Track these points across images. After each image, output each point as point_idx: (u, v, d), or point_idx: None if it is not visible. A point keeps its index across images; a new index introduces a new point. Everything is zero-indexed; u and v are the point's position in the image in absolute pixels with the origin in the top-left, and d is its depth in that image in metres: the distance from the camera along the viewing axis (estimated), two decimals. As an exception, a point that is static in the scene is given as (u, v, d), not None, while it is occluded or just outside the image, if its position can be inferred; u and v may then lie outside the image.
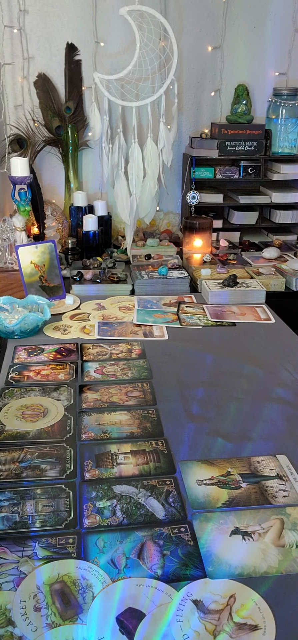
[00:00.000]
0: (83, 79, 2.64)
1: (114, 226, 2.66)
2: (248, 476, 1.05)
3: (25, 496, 0.99)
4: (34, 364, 1.50)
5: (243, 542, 0.89)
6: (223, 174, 2.65)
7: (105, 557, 0.85)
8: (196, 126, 2.79)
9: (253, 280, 2.07)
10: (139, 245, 2.45)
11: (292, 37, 2.70)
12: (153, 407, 1.29)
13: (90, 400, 1.32)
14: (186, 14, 2.63)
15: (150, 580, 0.82)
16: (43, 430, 1.20)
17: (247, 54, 2.72)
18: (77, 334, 1.69)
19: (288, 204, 2.68)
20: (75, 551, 0.87)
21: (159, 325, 1.75)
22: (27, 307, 1.74)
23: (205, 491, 1.00)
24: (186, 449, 1.13)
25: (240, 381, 1.42)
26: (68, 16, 2.56)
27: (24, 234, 2.15)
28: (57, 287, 1.95)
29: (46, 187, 2.72)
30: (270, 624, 0.75)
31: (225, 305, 1.91)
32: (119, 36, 2.56)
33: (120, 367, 1.48)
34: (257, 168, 2.65)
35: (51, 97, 2.61)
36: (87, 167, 2.78)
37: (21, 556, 0.86)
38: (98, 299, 1.97)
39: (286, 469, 1.06)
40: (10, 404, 1.30)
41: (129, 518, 0.94)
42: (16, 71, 2.59)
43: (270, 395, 1.35)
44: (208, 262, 2.28)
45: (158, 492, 1.00)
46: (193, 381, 1.42)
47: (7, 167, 2.44)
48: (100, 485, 1.02)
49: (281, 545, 0.88)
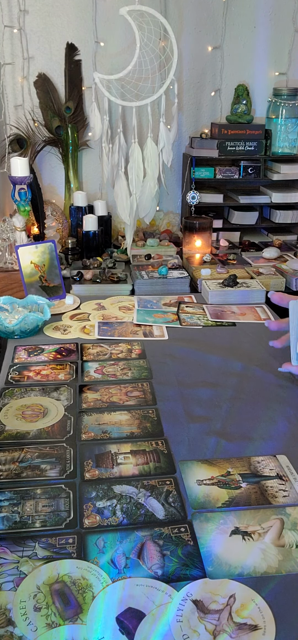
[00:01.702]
0: (83, 79, 2.64)
1: (114, 226, 2.66)
2: (248, 476, 1.05)
3: (25, 496, 0.99)
4: (34, 364, 1.50)
5: (243, 542, 0.89)
6: (223, 174, 2.65)
7: (105, 557, 0.85)
8: (196, 126, 2.79)
9: (253, 280, 2.07)
10: (139, 245, 2.45)
11: (292, 37, 2.70)
12: (153, 407, 1.29)
13: (90, 400, 1.32)
14: (186, 14, 2.63)
15: (150, 580, 0.82)
16: (43, 430, 1.20)
17: (247, 54, 2.73)
18: (77, 334, 1.69)
19: (288, 204, 2.68)
20: (75, 551, 0.87)
21: (159, 325, 1.75)
22: (27, 307, 1.74)
23: (205, 491, 1.00)
24: (186, 449, 1.13)
25: (240, 381, 1.42)
26: (68, 16, 2.56)
27: (24, 234, 2.15)
28: (57, 287, 1.95)
29: (46, 187, 2.72)
30: (270, 624, 0.75)
31: (225, 305, 1.91)
32: (119, 36, 2.57)
33: (120, 367, 1.48)
34: (257, 168, 2.65)
35: (51, 97, 2.61)
36: (87, 167, 2.78)
37: (21, 556, 0.86)
38: (98, 299, 1.98)
39: (286, 469, 1.06)
40: (10, 404, 1.30)
41: (129, 518, 0.94)
42: (16, 71, 2.59)
43: (270, 395, 1.35)
44: (208, 262, 2.28)
45: (158, 492, 1.00)
46: (193, 381, 1.42)
47: (7, 167, 2.44)
48: (100, 485, 1.02)
49: (281, 545, 0.88)
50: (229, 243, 2.54)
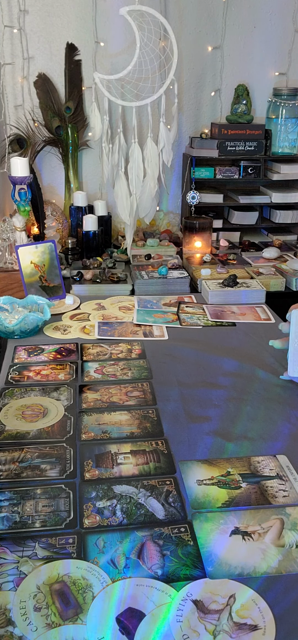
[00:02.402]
0: (83, 79, 2.64)
1: (114, 226, 2.66)
2: (248, 476, 1.05)
3: (25, 496, 0.99)
4: (34, 364, 1.50)
5: (243, 542, 0.89)
6: (223, 174, 2.65)
7: (105, 557, 0.86)
8: (196, 126, 2.79)
9: (253, 280, 2.07)
10: (139, 245, 2.45)
11: (292, 37, 2.70)
12: (153, 407, 1.29)
13: (90, 400, 1.32)
14: (186, 14, 2.63)
15: (150, 580, 0.82)
16: (43, 430, 1.20)
17: (247, 54, 2.72)
18: (77, 334, 1.69)
19: (288, 204, 2.68)
20: (75, 551, 0.87)
21: (159, 325, 1.75)
22: (27, 307, 1.74)
23: (205, 491, 1.00)
24: (186, 449, 1.13)
25: (240, 381, 1.42)
26: (68, 16, 2.56)
27: (24, 234, 2.15)
28: (57, 287, 1.95)
29: (46, 187, 2.72)
30: (270, 624, 0.75)
31: (225, 305, 1.91)
32: (119, 36, 2.56)
33: (120, 367, 1.48)
34: (257, 168, 2.65)
35: (51, 97, 2.61)
36: (87, 167, 2.78)
37: (21, 556, 0.86)
38: (98, 299, 1.97)
39: (286, 469, 1.06)
40: (10, 404, 1.30)
41: (128, 518, 0.94)
42: (16, 71, 2.59)
43: (270, 395, 1.35)
44: (208, 262, 2.28)
45: (158, 492, 1.00)
46: (193, 381, 1.42)
47: (7, 167, 2.44)
48: (100, 485, 1.02)
49: (281, 545, 0.88)
50: (229, 243, 2.54)
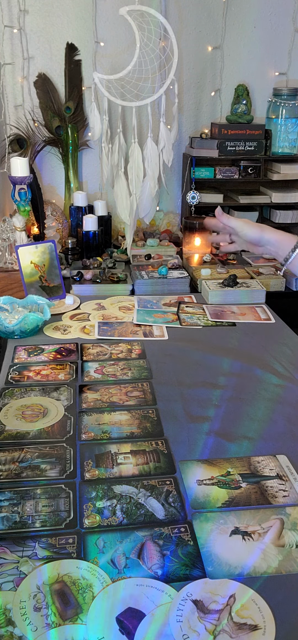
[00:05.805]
0: (83, 79, 2.64)
1: (114, 226, 2.66)
2: (248, 476, 1.05)
3: (25, 496, 0.99)
4: (34, 364, 1.50)
5: (243, 542, 0.89)
6: (223, 174, 2.65)
7: (105, 557, 0.85)
8: (196, 126, 2.79)
9: (253, 280, 2.07)
10: (139, 245, 2.45)
11: (292, 37, 2.71)
12: (153, 407, 1.29)
13: (90, 400, 1.32)
14: (186, 14, 2.63)
15: (150, 580, 0.82)
16: (43, 430, 1.20)
17: (247, 54, 2.73)
18: (77, 334, 1.69)
19: (288, 204, 2.69)
20: (75, 551, 0.87)
21: (159, 325, 1.75)
22: (27, 307, 1.74)
23: (205, 491, 1.00)
24: (186, 449, 1.13)
25: (240, 381, 1.42)
26: (68, 16, 2.57)
27: (24, 234, 2.15)
28: (57, 287, 1.95)
29: (46, 187, 2.72)
30: (270, 624, 0.75)
31: (225, 305, 1.91)
32: (119, 36, 2.57)
33: (120, 367, 1.48)
34: (257, 168, 2.65)
35: (51, 97, 2.62)
36: (87, 167, 2.78)
37: (21, 556, 0.86)
38: (98, 299, 1.97)
39: (286, 469, 1.06)
40: (10, 404, 1.30)
41: (128, 518, 0.94)
42: (16, 71, 2.59)
43: (270, 395, 1.35)
44: (208, 262, 2.28)
45: (158, 492, 1.00)
46: (193, 381, 1.42)
47: (7, 167, 2.44)
48: (100, 485, 1.02)
49: (281, 545, 0.88)
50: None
